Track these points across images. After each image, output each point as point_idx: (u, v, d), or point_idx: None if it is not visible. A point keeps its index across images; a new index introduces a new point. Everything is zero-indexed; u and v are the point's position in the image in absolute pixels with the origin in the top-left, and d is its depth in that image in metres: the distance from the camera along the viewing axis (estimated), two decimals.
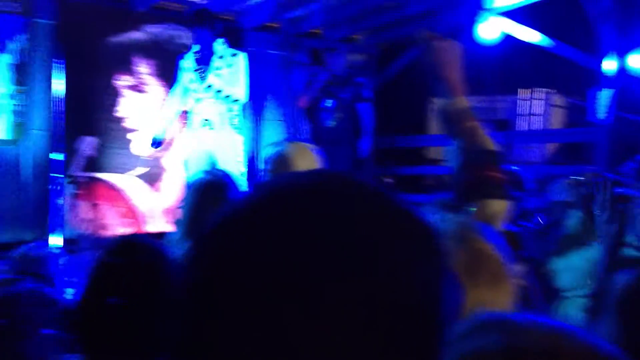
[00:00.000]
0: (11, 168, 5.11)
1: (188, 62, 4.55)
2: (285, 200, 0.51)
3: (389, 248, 0.49)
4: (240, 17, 6.18)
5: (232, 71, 4.46)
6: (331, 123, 5.33)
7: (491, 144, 1.33)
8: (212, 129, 4.40)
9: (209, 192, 2.03)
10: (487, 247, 1.05)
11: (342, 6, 5.95)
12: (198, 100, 4.46)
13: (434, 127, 6.40)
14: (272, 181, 0.57)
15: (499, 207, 1.31)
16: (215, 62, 4.45)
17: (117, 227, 5.33)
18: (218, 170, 2.19)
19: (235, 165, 4.47)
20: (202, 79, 4.40)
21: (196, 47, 4.54)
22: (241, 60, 4.54)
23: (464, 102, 1.36)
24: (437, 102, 1.43)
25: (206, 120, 4.42)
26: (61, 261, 4.04)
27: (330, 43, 6.27)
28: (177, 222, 2.08)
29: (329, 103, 5.33)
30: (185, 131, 4.56)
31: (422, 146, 6.86)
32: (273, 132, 6.31)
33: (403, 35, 6.35)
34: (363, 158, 6.97)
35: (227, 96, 4.43)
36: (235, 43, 6.11)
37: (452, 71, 1.36)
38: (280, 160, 1.69)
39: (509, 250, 1.07)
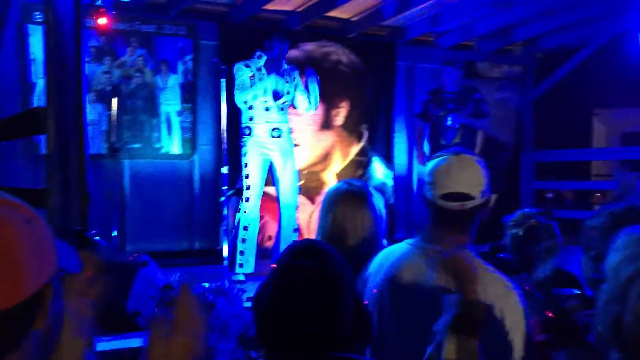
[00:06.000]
0: (185, 181, 5.41)
1: (259, 71, 4.50)
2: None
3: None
4: (392, 31, 6.20)
5: (298, 82, 4.55)
6: (453, 141, 5.13)
7: None
8: (280, 137, 4.45)
9: (350, 201, 1.99)
10: None
11: (496, 15, 5.80)
12: (268, 108, 4.45)
13: (598, 139, 6.04)
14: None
15: None
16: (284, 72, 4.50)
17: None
18: (356, 180, 2.15)
19: (294, 175, 4.56)
20: (280, 86, 4.42)
21: (264, 58, 4.51)
22: (299, 74, 4.62)
23: None
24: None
25: (275, 129, 4.45)
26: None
27: (485, 55, 6.11)
28: (318, 231, 2.06)
29: (449, 121, 5.16)
30: (251, 140, 4.45)
31: (585, 160, 6.48)
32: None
33: (562, 44, 6.07)
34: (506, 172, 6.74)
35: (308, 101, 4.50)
36: (389, 58, 6.15)
37: None
38: (441, 172, 1.60)
39: None
